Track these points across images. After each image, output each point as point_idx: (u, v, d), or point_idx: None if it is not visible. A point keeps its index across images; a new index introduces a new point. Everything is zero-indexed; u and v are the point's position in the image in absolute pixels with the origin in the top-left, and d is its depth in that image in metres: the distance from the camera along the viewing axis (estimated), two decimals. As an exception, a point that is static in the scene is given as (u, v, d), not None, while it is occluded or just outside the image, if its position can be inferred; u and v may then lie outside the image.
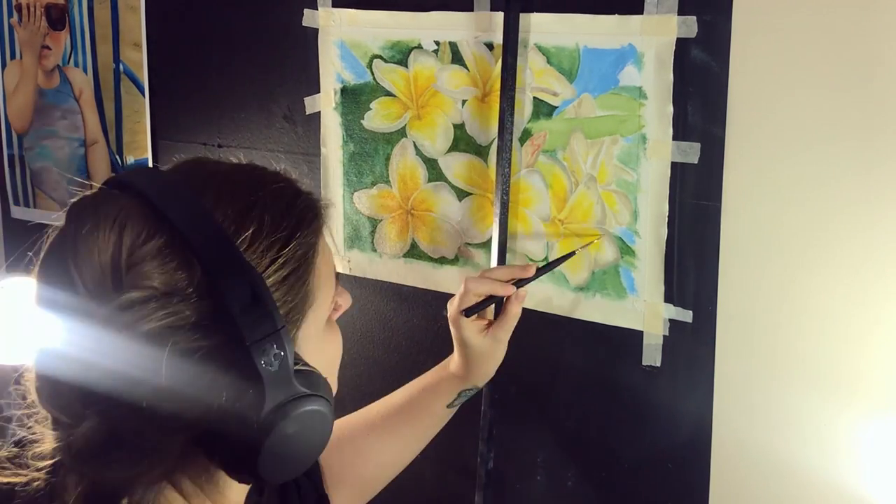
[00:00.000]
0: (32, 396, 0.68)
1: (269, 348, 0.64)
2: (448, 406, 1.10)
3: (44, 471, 0.68)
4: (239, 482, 0.71)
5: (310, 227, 0.72)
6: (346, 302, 0.80)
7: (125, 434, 0.65)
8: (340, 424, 1.06)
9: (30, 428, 0.69)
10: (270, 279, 0.67)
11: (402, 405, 1.10)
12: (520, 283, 1.07)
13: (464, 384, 1.09)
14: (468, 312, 1.05)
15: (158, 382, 0.63)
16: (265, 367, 0.63)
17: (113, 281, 0.64)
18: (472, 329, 1.06)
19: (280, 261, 0.68)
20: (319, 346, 0.74)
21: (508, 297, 1.07)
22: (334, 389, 0.75)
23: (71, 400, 0.65)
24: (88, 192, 0.70)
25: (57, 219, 0.70)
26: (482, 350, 1.07)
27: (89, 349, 0.64)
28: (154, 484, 0.68)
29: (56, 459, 0.68)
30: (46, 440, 0.68)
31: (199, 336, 0.64)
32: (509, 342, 1.21)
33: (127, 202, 0.67)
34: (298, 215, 0.71)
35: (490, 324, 1.08)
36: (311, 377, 0.67)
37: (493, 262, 1.18)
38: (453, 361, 1.10)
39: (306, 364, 0.68)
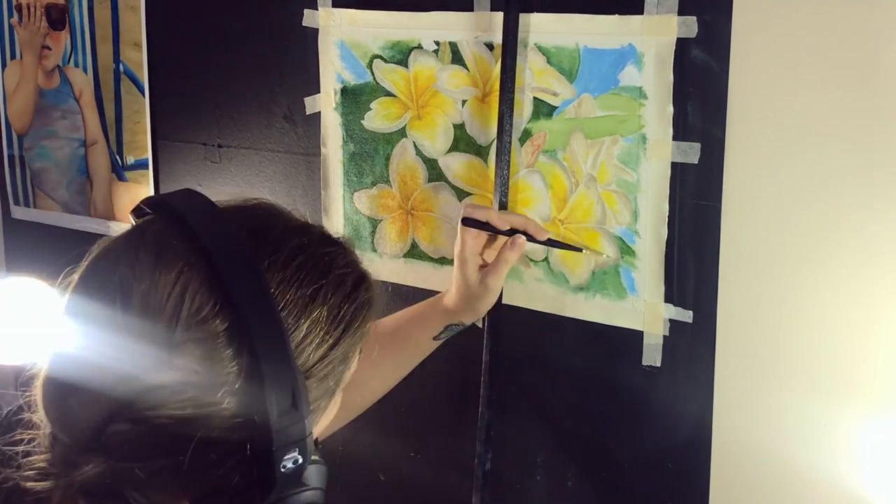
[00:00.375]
0: (41, 413, 0.67)
1: (292, 454, 0.64)
2: (434, 338, 1.12)
3: (27, 474, 0.67)
4: None
5: (360, 327, 0.71)
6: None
7: (126, 489, 0.64)
8: None
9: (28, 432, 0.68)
10: (311, 380, 0.67)
11: (390, 332, 1.11)
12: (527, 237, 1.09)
13: (452, 318, 1.11)
14: (465, 221, 1.08)
15: (178, 459, 0.63)
16: (282, 472, 0.64)
17: (163, 348, 0.63)
18: (472, 267, 1.08)
19: (326, 361, 0.68)
20: (323, 420, 0.74)
21: (506, 243, 1.08)
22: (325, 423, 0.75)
23: (86, 436, 0.64)
24: (147, 222, 0.68)
25: (106, 240, 0.68)
26: (474, 290, 1.09)
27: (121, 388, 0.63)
28: None
29: (45, 471, 0.66)
30: (40, 452, 0.67)
31: (230, 429, 0.64)
32: (509, 340, 1.21)
33: (190, 259, 0.64)
34: (353, 313, 0.70)
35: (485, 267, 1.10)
36: (315, 470, 0.68)
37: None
38: (448, 295, 1.12)
39: (314, 456, 0.68)
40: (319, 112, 1.37)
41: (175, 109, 1.55)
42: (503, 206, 1.16)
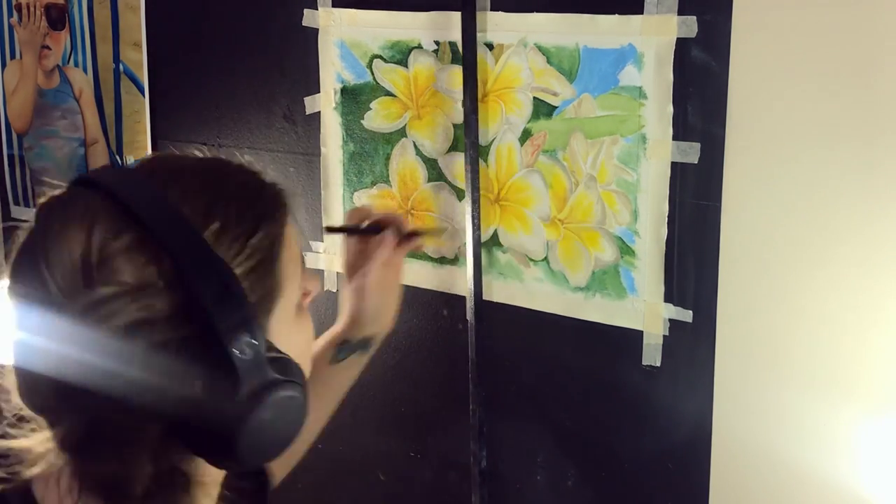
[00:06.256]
0: (14, 396, 0.69)
1: (242, 337, 0.65)
2: (331, 363, 1.06)
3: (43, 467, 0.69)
4: (219, 469, 0.71)
5: (274, 218, 0.73)
6: (315, 288, 0.81)
7: (104, 427, 0.66)
8: None
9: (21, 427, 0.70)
10: (238, 270, 0.69)
11: None
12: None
13: (345, 336, 1.06)
14: (329, 229, 1.09)
15: (133, 374, 0.64)
16: (238, 356, 0.65)
17: (84, 277, 0.65)
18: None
19: (247, 251, 0.70)
20: (290, 333, 0.75)
21: (373, 240, 1.04)
22: (307, 374, 0.76)
23: (49, 396, 0.66)
24: (56, 192, 0.71)
25: (28, 219, 0.71)
26: (355, 296, 1.04)
27: (64, 345, 0.65)
28: (164, 479, 0.69)
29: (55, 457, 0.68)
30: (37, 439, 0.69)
31: (172, 328, 0.65)
32: (509, 340, 1.21)
33: (94, 200, 0.68)
34: (262, 207, 0.73)
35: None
36: (284, 364, 0.69)
37: (470, 261, 1.18)
38: (337, 322, 1.07)
39: (279, 351, 0.69)
40: (319, 112, 1.37)
41: (175, 109, 1.55)
42: (476, 202, 1.18)
